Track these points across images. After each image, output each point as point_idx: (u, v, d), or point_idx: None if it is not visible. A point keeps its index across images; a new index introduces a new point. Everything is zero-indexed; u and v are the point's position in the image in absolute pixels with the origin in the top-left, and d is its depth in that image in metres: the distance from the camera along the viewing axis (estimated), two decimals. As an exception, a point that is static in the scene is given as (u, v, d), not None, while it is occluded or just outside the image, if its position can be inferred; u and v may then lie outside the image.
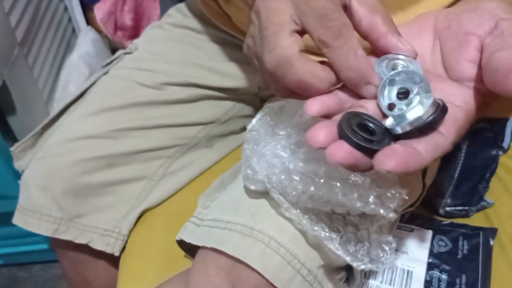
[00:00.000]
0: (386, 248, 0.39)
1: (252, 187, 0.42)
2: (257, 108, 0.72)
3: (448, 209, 0.60)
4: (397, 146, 0.29)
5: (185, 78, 0.66)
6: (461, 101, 0.32)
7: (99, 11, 1.05)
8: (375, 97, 0.33)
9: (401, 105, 0.32)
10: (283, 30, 0.32)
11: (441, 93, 0.33)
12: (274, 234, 0.40)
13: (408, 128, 0.30)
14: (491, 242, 0.56)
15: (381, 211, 0.35)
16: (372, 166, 0.29)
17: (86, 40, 1.07)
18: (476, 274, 0.53)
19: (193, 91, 0.66)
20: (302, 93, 0.33)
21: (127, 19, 1.05)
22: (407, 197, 0.37)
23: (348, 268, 0.48)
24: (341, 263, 0.44)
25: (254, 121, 0.43)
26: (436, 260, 0.55)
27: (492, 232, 0.57)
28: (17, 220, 0.65)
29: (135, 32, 1.09)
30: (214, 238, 0.42)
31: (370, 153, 0.29)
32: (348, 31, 0.32)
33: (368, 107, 0.34)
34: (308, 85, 0.32)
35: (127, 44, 0.75)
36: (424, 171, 0.50)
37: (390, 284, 0.53)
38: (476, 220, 0.60)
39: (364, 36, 0.34)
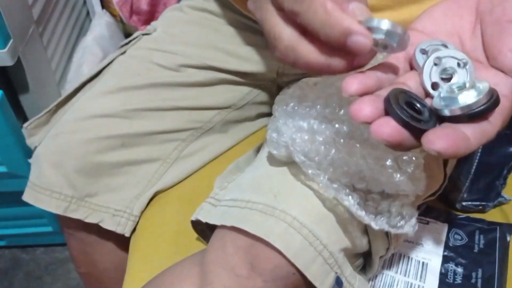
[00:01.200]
0: (407, 216, 0.38)
1: (275, 152, 0.41)
2: (273, 95, 0.71)
3: (464, 203, 0.60)
4: (447, 128, 0.28)
5: (203, 60, 0.65)
6: (507, 91, 0.31)
7: (116, -6, 1.04)
8: (368, 49, 0.30)
9: (447, 86, 0.31)
10: (277, 24, 0.32)
11: (486, 79, 0.31)
12: (297, 214, 0.39)
13: (458, 112, 0.29)
14: (508, 238, 0.55)
15: (398, 176, 0.35)
16: (414, 146, 0.28)
17: (101, 23, 1.06)
18: (493, 269, 0.52)
19: (211, 74, 0.66)
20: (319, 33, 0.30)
21: (144, 3, 1.05)
22: (423, 161, 0.35)
23: (366, 256, 0.47)
24: (361, 249, 0.44)
25: (287, 89, 0.42)
26: (451, 253, 0.54)
27: (509, 227, 0.56)
28: (27, 197, 0.64)
29: (150, 17, 1.09)
30: (234, 217, 0.42)
31: (417, 132, 0.28)
32: None
33: (410, 85, 0.33)
34: (318, 65, 0.31)
35: (142, 29, 0.75)
36: (445, 161, 0.49)
37: (405, 275, 0.52)
38: (492, 215, 0.60)
39: None
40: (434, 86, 0.32)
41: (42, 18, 0.92)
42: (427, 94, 0.33)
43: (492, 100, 0.28)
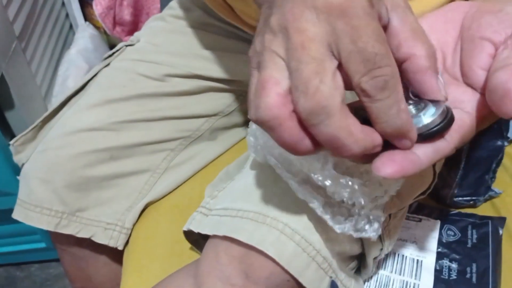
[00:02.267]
0: (372, 219, 0.38)
1: (253, 155, 0.41)
2: (260, 100, 0.71)
3: (455, 199, 0.60)
4: (394, 153, 0.28)
5: (189, 69, 0.65)
6: (471, 108, 0.31)
7: (98, 6, 1.03)
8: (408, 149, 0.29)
9: (411, 108, 0.31)
10: (326, 71, 0.26)
11: (452, 98, 0.32)
12: (288, 221, 0.39)
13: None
14: (500, 231, 0.56)
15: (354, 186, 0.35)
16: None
17: (84, 36, 1.06)
18: (487, 263, 0.52)
19: (197, 83, 0.66)
20: (330, 149, 0.28)
21: (126, 14, 1.04)
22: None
23: (360, 258, 0.47)
24: (354, 251, 0.44)
25: None
26: (445, 250, 0.54)
27: (501, 221, 0.57)
28: (17, 214, 0.63)
29: (134, 27, 1.08)
30: (226, 226, 0.42)
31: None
32: (395, 82, 0.27)
33: None
34: (341, 144, 0.27)
35: (126, 40, 0.74)
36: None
37: (400, 274, 0.52)
38: (483, 210, 0.60)
39: (398, 62, 0.29)
40: None
41: (24, 33, 0.91)
42: None
43: (445, 121, 0.28)
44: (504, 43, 0.31)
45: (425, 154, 0.29)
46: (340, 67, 0.27)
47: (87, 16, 1.13)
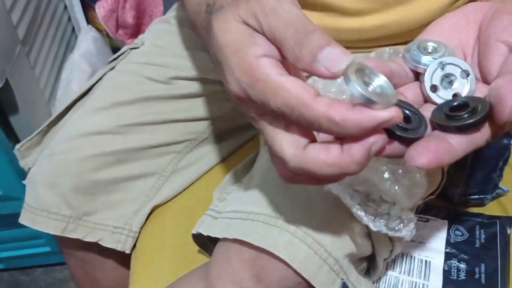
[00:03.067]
0: (406, 220, 0.38)
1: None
2: (265, 102, 0.71)
3: (463, 198, 0.60)
4: (430, 141, 0.28)
5: (194, 71, 0.65)
6: None
7: (101, 9, 1.03)
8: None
9: (446, 92, 0.32)
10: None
11: (482, 93, 0.32)
12: (299, 223, 0.39)
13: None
14: (509, 231, 0.56)
15: (395, 187, 0.35)
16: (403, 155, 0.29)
17: (87, 39, 1.06)
18: (495, 263, 0.52)
19: (203, 85, 0.66)
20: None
21: (129, 16, 1.04)
22: (419, 174, 0.35)
23: (370, 259, 0.47)
24: (365, 253, 0.44)
25: None
26: (453, 250, 0.54)
27: (509, 220, 0.57)
28: (23, 219, 0.63)
29: (136, 30, 1.08)
30: (236, 229, 0.42)
31: (405, 141, 0.29)
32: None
33: (408, 95, 0.33)
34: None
35: (129, 43, 0.74)
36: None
37: (408, 275, 0.52)
38: (491, 209, 0.60)
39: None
40: (433, 88, 0.33)
41: (28, 38, 0.91)
42: (426, 100, 0.33)
43: (484, 114, 0.28)
44: None
45: (460, 143, 0.28)
46: None
47: (90, 19, 1.13)
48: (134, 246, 0.64)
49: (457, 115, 0.29)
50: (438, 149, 0.27)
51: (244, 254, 0.40)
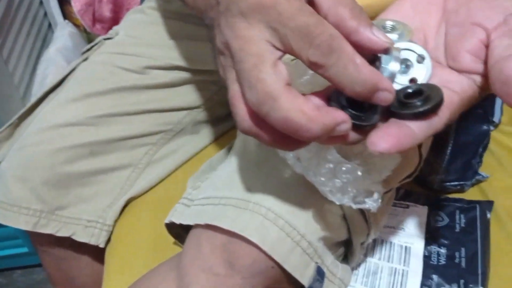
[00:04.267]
0: (370, 192, 0.37)
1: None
2: (243, 92, 0.70)
3: (443, 184, 0.59)
4: (390, 126, 0.28)
5: (169, 60, 0.64)
6: (459, 88, 0.31)
7: (77, 3, 1.01)
8: (390, 102, 0.29)
9: (402, 77, 0.32)
10: (265, 62, 0.28)
11: (439, 78, 0.32)
12: (271, 205, 0.38)
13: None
14: (488, 215, 0.55)
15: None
16: (361, 140, 0.29)
17: (64, 34, 1.04)
18: (475, 247, 0.52)
19: (177, 75, 0.64)
20: (291, 134, 0.28)
21: (106, 10, 1.02)
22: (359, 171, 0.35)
23: (347, 245, 0.46)
24: (340, 237, 0.43)
25: None
26: (433, 235, 0.54)
27: (488, 205, 0.56)
28: (-7, 215, 0.61)
29: (114, 23, 1.06)
30: (207, 215, 0.40)
31: (360, 128, 0.29)
32: (339, 42, 0.27)
33: None
34: (297, 126, 0.27)
35: (106, 37, 0.73)
36: (420, 142, 0.48)
37: (388, 261, 0.51)
38: (471, 194, 0.59)
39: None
40: (393, 76, 0.32)
41: (0, 32, 0.89)
42: None
43: (438, 100, 0.29)
44: (496, 30, 0.30)
45: (420, 128, 0.28)
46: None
47: (66, 14, 1.10)
48: (109, 240, 0.62)
49: (410, 102, 0.29)
50: (399, 134, 0.27)
51: (215, 240, 0.39)
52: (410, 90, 0.31)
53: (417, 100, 0.29)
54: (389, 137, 0.27)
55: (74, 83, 0.64)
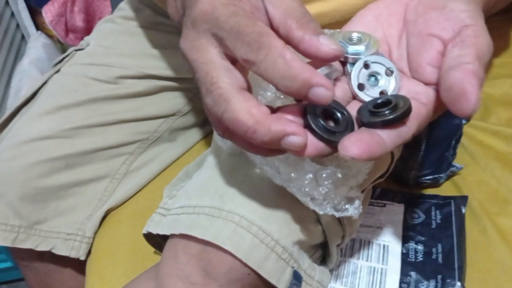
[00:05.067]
0: (351, 199, 0.37)
1: (221, 143, 0.41)
2: (218, 98, 0.70)
3: (418, 180, 0.60)
4: (362, 133, 0.28)
5: (141, 69, 0.64)
6: (425, 99, 0.32)
7: (48, 14, 1.00)
8: (329, 101, 0.28)
9: (373, 90, 0.33)
10: (217, 68, 0.29)
11: (407, 89, 0.32)
12: (244, 212, 0.38)
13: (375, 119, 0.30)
14: (463, 210, 0.56)
15: (319, 190, 0.35)
16: (332, 153, 0.29)
17: (37, 45, 1.03)
18: (451, 242, 0.52)
19: (151, 83, 0.64)
20: (241, 136, 0.29)
21: (78, 20, 1.02)
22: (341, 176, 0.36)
23: (324, 247, 0.46)
24: (315, 240, 0.43)
25: None
26: (410, 233, 0.54)
27: (463, 200, 0.57)
28: (-29, 232, 0.60)
29: (87, 33, 1.06)
30: (182, 224, 0.40)
31: (333, 144, 0.29)
32: (267, 39, 0.28)
33: (337, 93, 0.33)
34: (244, 126, 0.28)
35: (81, 47, 0.72)
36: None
37: (367, 260, 0.52)
38: (446, 189, 0.60)
39: (287, 43, 0.30)
40: (360, 87, 0.33)
41: (-28, 46, 0.88)
42: (354, 97, 0.34)
43: (406, 108, 0.29)
44: (452, 41, 0.31)
45: (390, 137, 0.29)
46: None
47: (39, 25, 1.09)
48: (90, 252, 0.62)
49: (379, 111, 0.30)
50: (371, 141, 0.27)
51: (191, 249, 0.39)
52: (379, 101, 0.31)
53: (386, 109, 0.30)
54: (361, 143, 0.27)
55: (46, 96, 0.64)
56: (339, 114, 0.31)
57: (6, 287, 1.14)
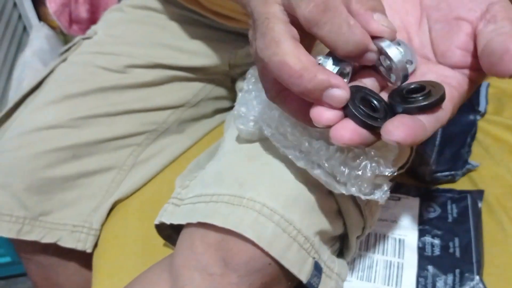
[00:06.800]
0: (378, 183, 0.37)
1: (242, 127, 0.40)
2: (228, 90, 0.69)
3: (434, 175, 0.59)
4: (404, 118, 0.28)
5: (150, 59, 0.62)
6: (456, 83, 0.32)
7: (52, 3, 0.99)
8: (342, 102, 0.29)
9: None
10: (276, 18, 0.30)
11: (436, 74, 0.32)
12: (266, 200, 0.37)
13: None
14: (480, 204, 0.55)
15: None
16: (374, 142, 0.29)
17: (39, 36, 1.01)
18: (469, 237, 0.51)
19: (160, 73, 0.63)
20: (284, 82, 0.29)
21: (82, 11, 1.00)
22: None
23: (343, 240, 0.45)
24: (336, 231, 0.42)
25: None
26: (426, 226, 0.53)
27: (479, 194, 0.56)
28: (-26, 224, 0.59)
29: (91, 24, 1.04)
30: (200, 213, 0.39)
31: (375, 130, 0.29)
32: (333, 2, 0.28)
33: (366, 82, 0.32)
34: (290, 70, 0.28)
35: (84, 37, 0.71)
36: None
37: (383, 254, 0.51)
38: (461, 184, 0.59)
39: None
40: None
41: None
42: (382, 88, 0.33)
43: (442, 93, 0.29)
44: (482, 19, 0.31)
45: (429, 122, 0.28)
46: None
47: (42, 16, 1.08)
48: (96, 245, 0.60)
49: (414, 97, 0.29)
50: (414, 125, 0.27)
51: (209, 238, 0.38)
52: (411, 87, 0.31)
53: (420, 95, 0.29)
54: (404, 127, 0.27)
55: (53, 85, 0.62)
56: (376, 102, 0.30)
57: (3, 282, 1.13)
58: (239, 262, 0.36)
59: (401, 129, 0.26)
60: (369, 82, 0.33)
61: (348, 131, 0.28)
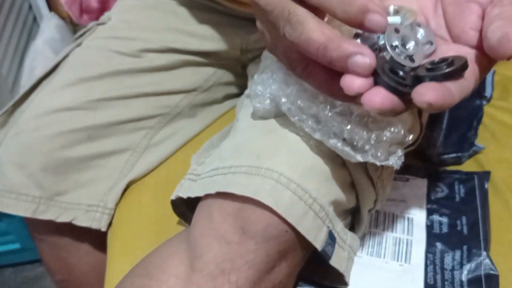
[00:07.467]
0: (392, 150, 0.38)
1: (258, 105, 0.41)
2: (239, 75, 0.70)
3: (441, 157, 0.60)
4: (433, 83, 0.29)
5: (164, 43, 0.64)
6: (474, 59, 0.33)
7: (63, -7, 1.01)
8: (383, 27, 0.31)
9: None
10: (290, 3, 0.32)
11: (456, 52, 0.33)
12: (283, 170, 0.38)
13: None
14: (486, 185, 0.56)
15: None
16: (404, 110, 0.30)
17: (50, 26, 1.02)
18: (476, 215, 0.53)
19: (173, 57, 0.64)
20: (313, 56, 0.31)
21: (93, 1, 1.01)
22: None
23: (354, 214, 0.47)
24: (349, 203, 0.43)
25: None
26: (434, 206, 0.54)
27: (486, 175, 0.57)
28: (-9, 203, 0.60)
29: (101, 14, 1.05)
30: (218, 184, 0.40)
31: (404, 97, 0.30)
32: None
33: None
34: (316, 43, 0.30)
35: (94, 28, 0.72)
36: (420, 111, 0.49)
37: (392, 231, 0.52)
38: (468, 167, 0.60)
39: None
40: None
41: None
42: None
43: (464, 61, 0.30)
44: (490, 3, 0.32)
45: (456, 89, 0.29)
46: None
47: (52, 6, 1.09)
48: (110, 224, 0.62)
49: (438, 66, 0.30)
50: (443, 89, 0.28)
51: (227, 207, 0.39)
52: (436, 60, 0.32)
53: (444, 64, 0.30)
54: (435, 89, 0.28)
55: (68, 69, 0.64)
56: (403, 72, 0.31)
57: (11, 269, 1.14)
58: (257, 229, 0.38)
59: (432, 91, 0.28)
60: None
61: (379, 97, 0.29)
